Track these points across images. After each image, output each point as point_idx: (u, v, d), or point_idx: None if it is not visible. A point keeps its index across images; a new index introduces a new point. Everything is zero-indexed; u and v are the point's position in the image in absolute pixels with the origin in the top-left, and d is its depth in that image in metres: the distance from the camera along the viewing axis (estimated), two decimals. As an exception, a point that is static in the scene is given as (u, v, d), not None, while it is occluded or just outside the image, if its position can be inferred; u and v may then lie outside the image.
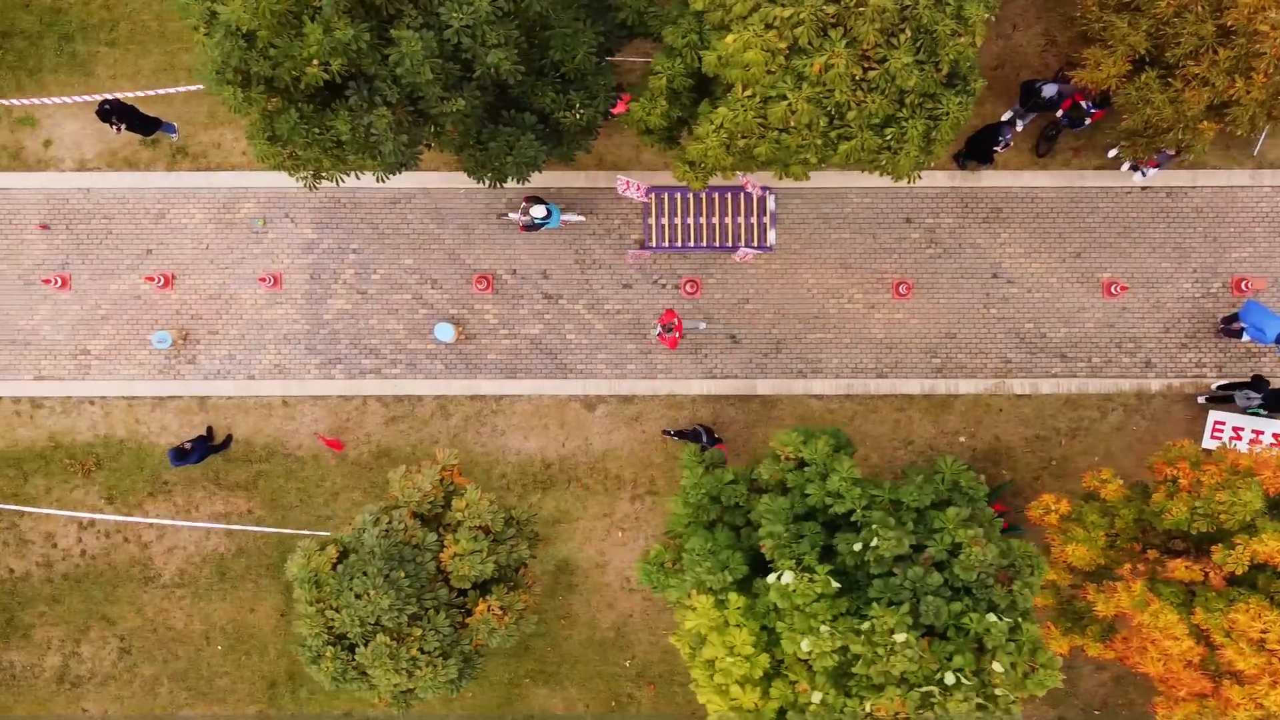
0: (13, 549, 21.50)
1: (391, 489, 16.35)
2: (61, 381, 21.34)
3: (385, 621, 14.12)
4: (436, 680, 14.49)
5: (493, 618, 14.99)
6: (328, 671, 14.43)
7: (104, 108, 19.87)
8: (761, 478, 15.18)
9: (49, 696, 21.70)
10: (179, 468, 20.45)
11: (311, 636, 14.33)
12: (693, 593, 13.87)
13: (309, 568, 14.62)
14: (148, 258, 21.29)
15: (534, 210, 19.99)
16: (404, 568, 14.31)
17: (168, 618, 21.58)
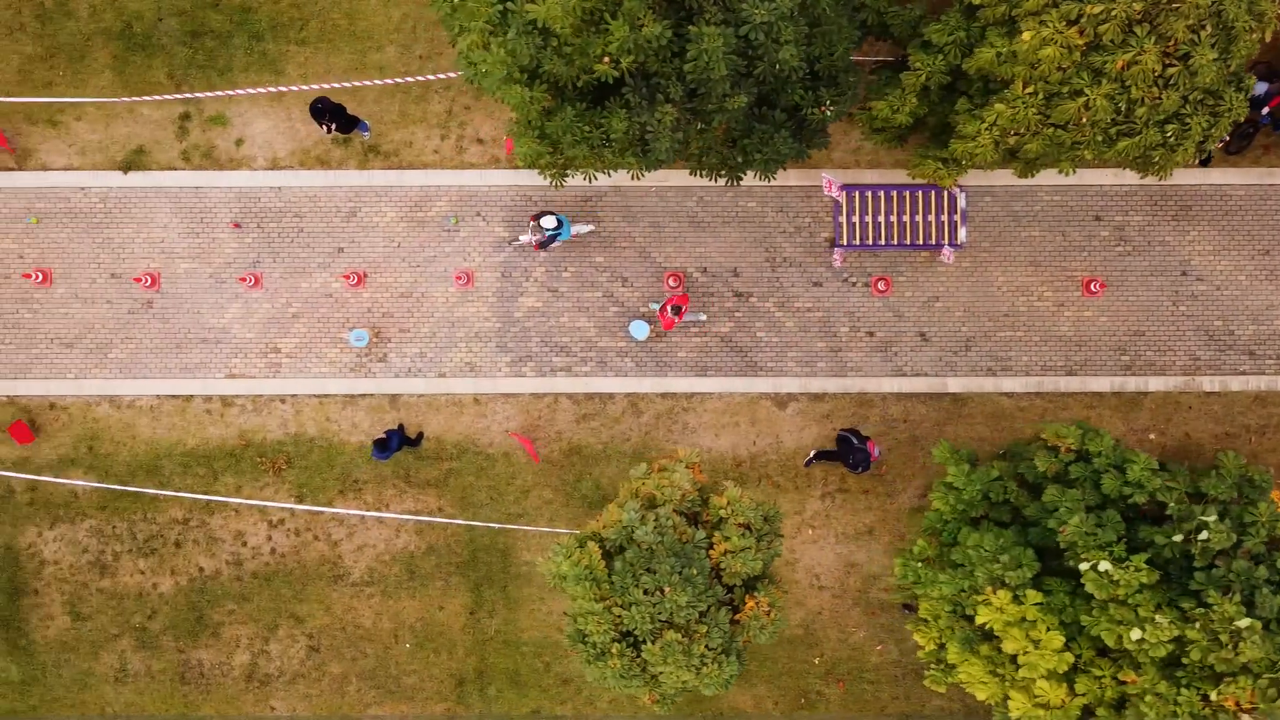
0: (203, 547, 21.51)
1: (641, 487, 16.35)
2: (252, 380, 21.37)
3: (676, 618, 14.13)
4: (720, 677, 14.50)
5: (762, 614, 15.01)
6: (614, 669, 14.43)
7: (317, 106, 19.89)
8: (1038, 471, 15.18)
9: (237, 695, 21.72)
10: (382, 460, 20.45)
11: (599, 633, 14.32)
12: (988, 589, 13.89)
13: (582, 565, 14.62)
14: (339, 256, 21.32)
15: (544, 221, 19.82)
16: (693, 565, 14.33)
17: (356, 616, 21.59)
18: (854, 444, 20.06)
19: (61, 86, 21.30)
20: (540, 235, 20.07)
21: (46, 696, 21.72)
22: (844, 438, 20.35)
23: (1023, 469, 15.66)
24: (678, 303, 20.18)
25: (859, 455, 19.96)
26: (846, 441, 20.25)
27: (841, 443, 20.39)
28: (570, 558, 15.06)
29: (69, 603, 21.56)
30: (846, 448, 20.19)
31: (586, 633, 14.70)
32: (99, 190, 21.28)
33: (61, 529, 21.50)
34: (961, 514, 15.32)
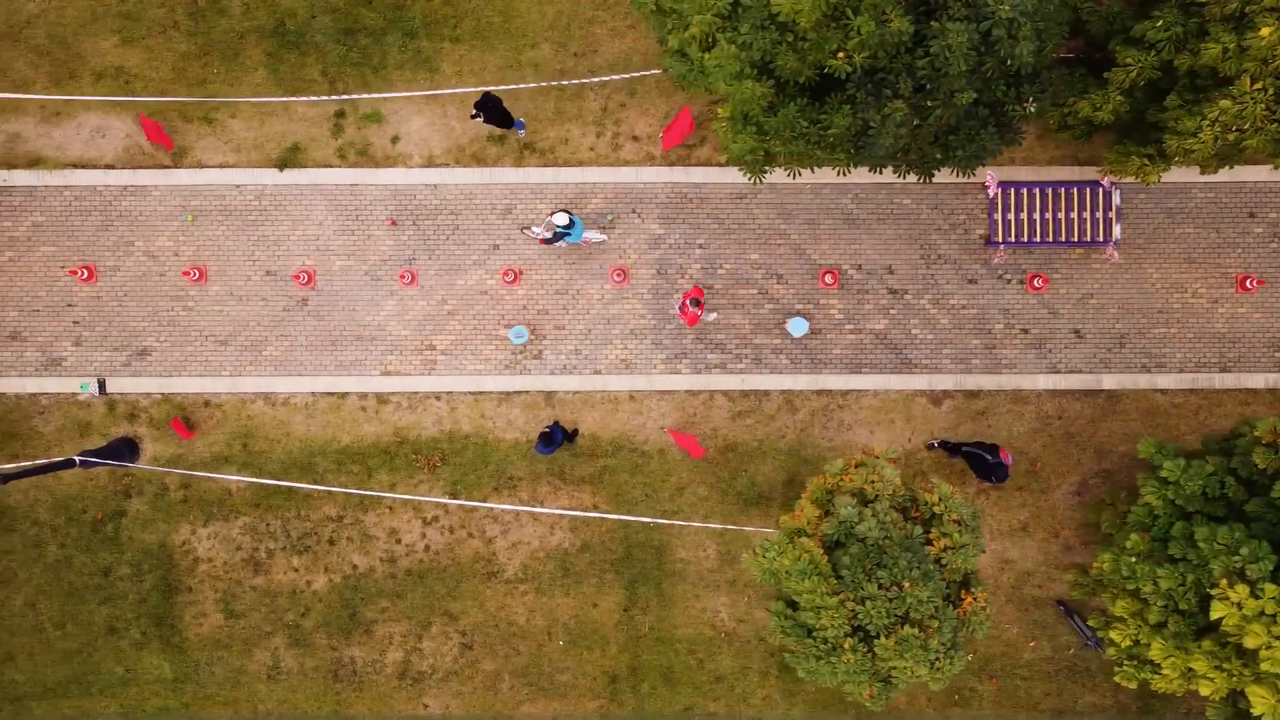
0: (356, 545, 21.52)
1: (840, 483, 16.35)
2: (407, 377, 21.37)
3: (914, 613, 14.14)
4: (951, 670, 14.52)
5: (980, 609, 15.02)
6: (847, 664, 14.43)
7: (479, 102, 19.91)
8: (1256, 466, 15.19)
9: (390, 692, 21.72)
10: (546, 454, 20.44)
11: (833, 628, 14.31)
12: (1222, 582, 13.91)
13: (805, 560, 14.62)
14: (494, 253, 21.32)
15: (556, 219, 19.73)
16: (926, 561, 14.34)
17: (510, 613, 21.60)
18: (988, 460, 19.78)
19: (216, 84, 21.30)
20: (549, 232, 20.00)
21: (199, 694, 21.73)
22: (972, 454, 20.11)
23: (1235, 464, 15.66)
24: (695, 295, 20.08)
25: (998, 471, 19.75)
26: (977, 458, 20.01)
27: (971, 459, 20.17)
28: (785, 554, 15.05)
29: (222, 600, 21.56)
30: (980, 463, 19.97)
31: (813, 628, 14.69)
32: (254, 188, 21.29)
33: (215, 526, 21.51)
34: (1176, 509, 15.33)
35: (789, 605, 16.21)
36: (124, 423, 21.41)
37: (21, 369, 21.38)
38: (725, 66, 14.21)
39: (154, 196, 21.31)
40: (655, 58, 21.10)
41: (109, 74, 21.32)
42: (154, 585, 21.54)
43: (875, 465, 16.30)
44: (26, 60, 21.33)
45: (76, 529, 21.51)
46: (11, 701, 21.78)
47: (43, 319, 21.38)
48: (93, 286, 21.34)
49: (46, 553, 21.56)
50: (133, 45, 21.34)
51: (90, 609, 21.61)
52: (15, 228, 21.34)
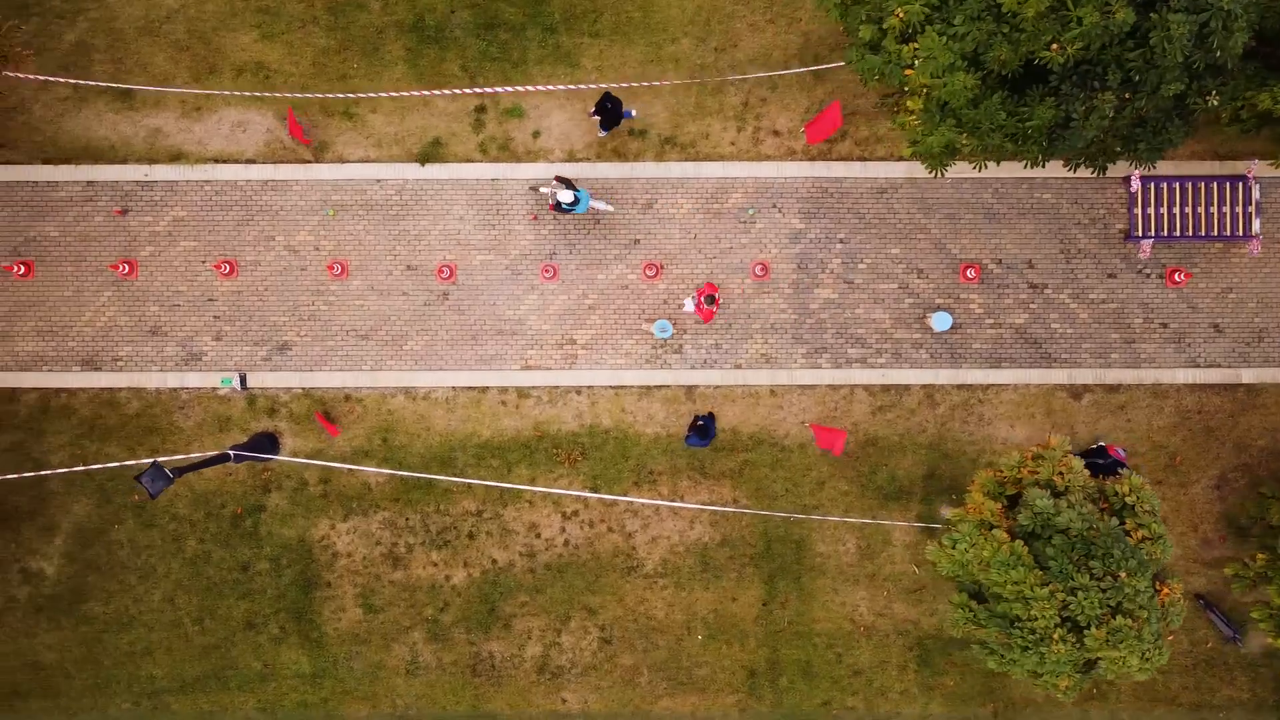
0: (496, 539, 21.52)
1: (1016, 474, 16.36)
2: (548, 371, 21.39)
3: (1127, 604, 14.16)
4: (1160, 660, 14.54)
5: (1177, 599, 15.05)
6: (1056, 655, 14.44)
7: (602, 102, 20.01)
8: None
9: (528, 687, 21.72)
10: (701, 446, 20.42)
11: (1045, 618, 14.32)
12: None
13: (1006, 552, 14.64)
14: (635, 247, 21.34)
15: (562, 195, 19.82)
16: (1138, 551, 14.37)
17: (649, 607, 21.60)
18: (1101, 464, 19.72)
19: (356, 80, 21.32)
20: (554, 198, 20.04)
21: (337, 689, 21.72)
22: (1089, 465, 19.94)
23: None
24: (709, 292, 20.08)
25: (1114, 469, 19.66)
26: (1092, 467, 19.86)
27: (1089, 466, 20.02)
28: (983, 546, 15.06)
29: (361, 595, 21.56)
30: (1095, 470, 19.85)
31: (1017, 619, 14.70)
32: (395, 182, 21.30)
33: (354, 521, 21.51)
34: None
35: (972, 597, 16.21)
36: (264, 417, 21.41)
37: (162, 364, 21.38)
38: (937, 58, 14.22)
39: (295, 191, 21.32)
40: (796, 52, 21.17)
41: (249, 69, 21.33)
42: (293, 580, 21.54)
43: (1054, 457, 16.32)
44: (166, 55, 21.34)
45: (215, 524, 21.51)
46: (149, 697, 21.77)
47: (183, 314, 21.38)
48: (233, 281, 21.34)
49: (185, 548, 21.55)
50: (272, 40, 21.35)
51: (229, 604, 21.61)
52: (156, 222, 21.35)
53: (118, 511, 21.49)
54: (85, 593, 21.60)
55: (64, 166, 21.31)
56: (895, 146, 21.28)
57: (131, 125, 21.31)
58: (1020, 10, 13.53)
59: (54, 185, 21.30)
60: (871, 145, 21.28)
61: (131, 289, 21.38)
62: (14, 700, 21.76)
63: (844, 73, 21.11)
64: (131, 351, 21.39)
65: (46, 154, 21.29)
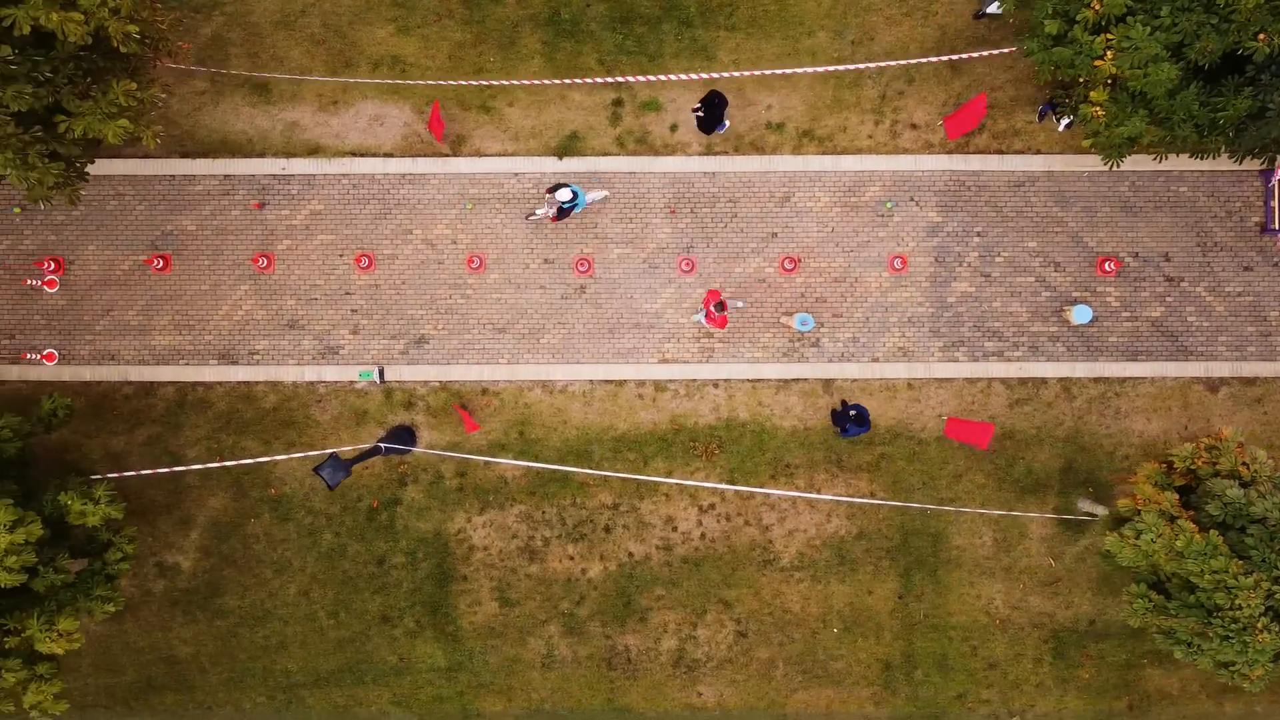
0: (632, 533, 21.52)
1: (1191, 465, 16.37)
2: (685, 364, 21.39)
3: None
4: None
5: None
6: (1260, 644, 14.45)
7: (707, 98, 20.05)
8: None
9: (664, 680, 21.72)
10: (856, 436, 20.41)
11: (1250, 608, 14.35)
12: None
13: (1200, 542, 14.65)
14: (772, 241, 21.35)
15: (559, 194, 19.79)
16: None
17: (785, 600, 21.61)
18: None
19: (492, 73, 21.32)
20: (553, 208, 20.02)
21: (473, 683, 21.72)
22: None
23: None
24: (715, 299, 20.07)
25: None
26: None
27: None
28: (1177, 537, 15.06)
29: (497, 588, 21.56)
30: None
31: (1218, 608, 14.71)
32: (533, 176, 21.31)
33: (491, 514, 21.51)
34: None
35: (1151, 587, 16.22)
36: (401, 411, 21.41)
37: (299, 357, 21.38)
38: (1141, 49, 14.23)
39: (432, 185, 21.32)
40: (933, 46, 21.18)
41: (385, 63, 21.33)
42: (428, 574, 21.54)
43: (1229, 448, 16.33)
44: (303, 49, 21.33)
45: (351, 517, 21.51)
46: (284, 691, 21.76)
47: (320, 307, 21.38)
48: (371, 275, 21.34)
49: (321, 541, 21.55)
50: (408, 34, 21.35)
51: (364, 598, 21.60)
52: (293, 216, 21.35)
53: (254, 505, 21.49)
54: (221, 587, 21.59)
55: (201, 160, 21.31)
56: (1032, 140, 21.30)
57: (268, 119, 21.31)
58: (1235, 3, 13.54)
59: (191, 179, 21.30)
60: (1009, 138, 21.29)
61: (269, 282, 21.38)
62: (149, 694, 21.76)
63: (980, 65, 21.15)
64: (268, 345, 21.39)
65: (184, 147, 21.28)
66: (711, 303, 19.91)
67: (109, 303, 21.40)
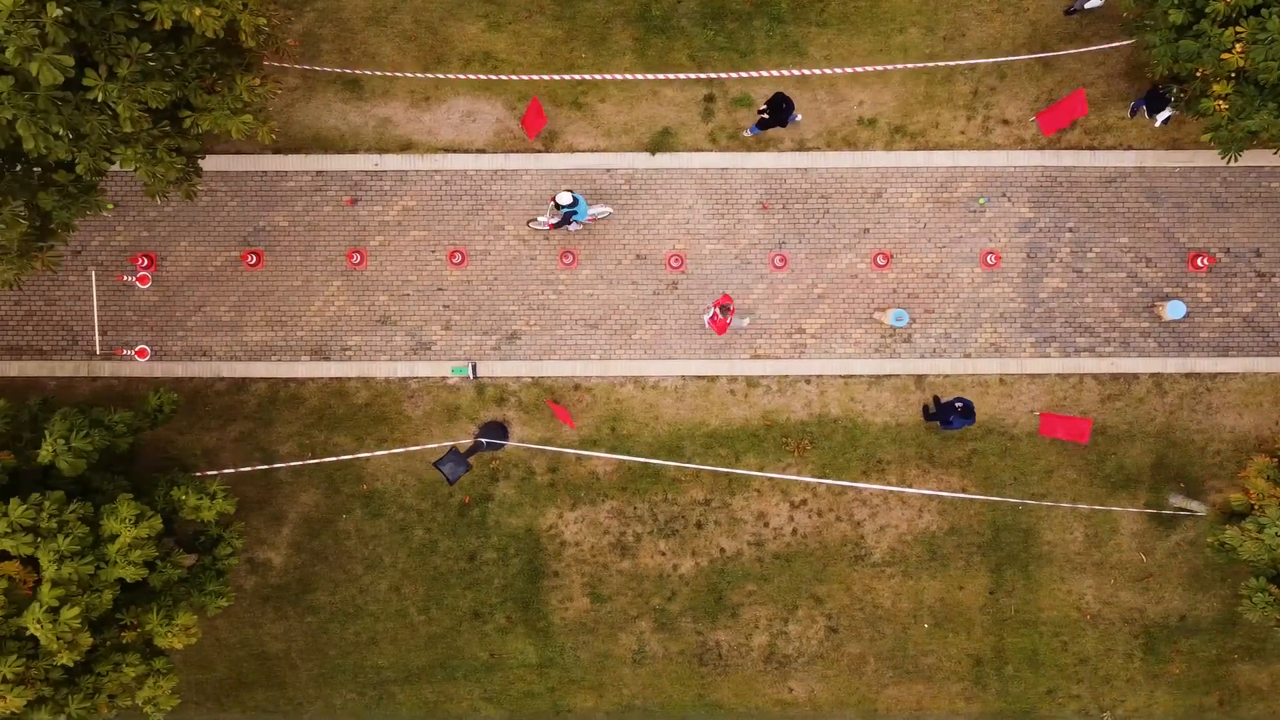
0: (724, 528, 21.54)
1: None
2: (777, 360, 21.41)
3: None
4: None
5: None
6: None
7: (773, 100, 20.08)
8: None
9: (755, 676, 21.73)
10: (955, 429, 20.41)
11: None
12: None
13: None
14: (864, 236, 21.37)
15: (560, 198, 19.70)
16: None
17: (876, 596, 21.62)
18: None
19: (584, 69, 21.32)
20: (556, 215, 20.00)
21: (564, 679, 21.73)
22: None
23: None
24: (724, 303, 20.09)
25: None
26: None
27: None
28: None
29: (589, 584, 21.57)
30: None
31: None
32: (624, 171, 21.33)
33: (582, 510, 21.52)
34: None
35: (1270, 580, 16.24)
36: (493, 406, 21.42)
37: (391, 353, 21.39)
38: (1278, 42, 14.25)
39: (525, 180, 21.34)
40: (1024, 42, 21.21)
41: (476, 59, 21.35)
42: (520, 570, 21.54)
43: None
44: (394, 45, 21.35)
45: (443, 513, 21.51)
46: (374, 687, 21.76)
47: (413, 303, 21.39)
48: (463, 270, 21.35)
49: (412, 537, 21.55)
50: (499, 30, 21.36)
51: (455, 594, 21.61)
52: (386, 212, 21.36)
53: (346, 501, 21.50)
54: (312, 583, 21.60)
55: (294, 156, 21.32)
56: (1124, 135, 21.33)
57: (361, 115, 21.32)
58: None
59: (283, 175, 21.32)
60: (1101, 134, 21.32)
61: (361, 278, 21.39)
62: (240, 691, 21.76)
63: (1071, 61, 21.18)
64: (360, 341, 21.40)
65: (276, 144, 21.27)
66: (718, 305, 19.95)
67: (201, 299, 21.41)
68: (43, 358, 21.41)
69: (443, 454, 17.18)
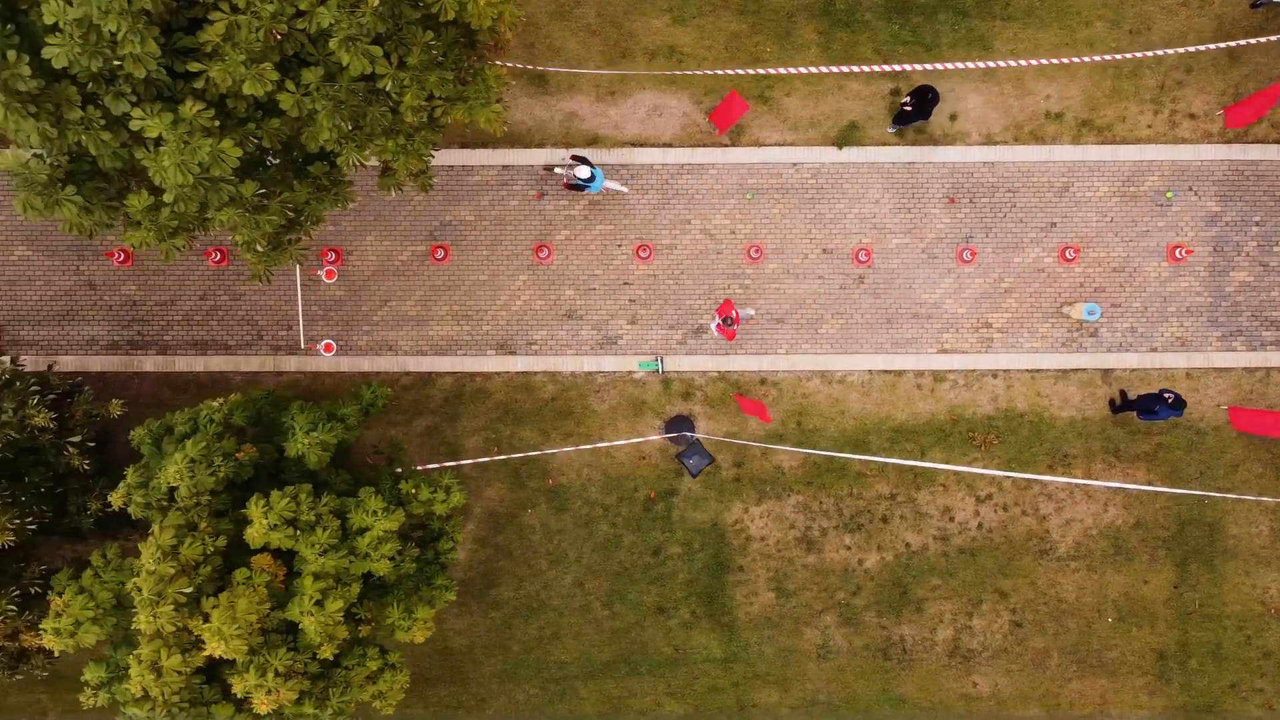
0: (909, 523, 21.51)
1: None
2: (964, 355, 21.38)
3: None
4: None
5: None
6: None
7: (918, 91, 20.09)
8: None
9: (938, 670, 21.71)
10: (1159, 420, 20.30)
11: None
12: None
13: None
14: (1051, 231, 21.35)
15: (579, 171, 19.76)
16: None
17: (1060, 590, 21.60)
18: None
19: (769, 63, 21.29)
20: (570, 179, 20.02)
21: (748, 673, 21.70)
22: None
23: None
24: (726, 312, 20.07)
25: None
26: None
27: None
28: None
29: (774, 579, 21.54)
30: None
31: None
32: (811, 166, 21.30)
33: (768, 505, 21.49)
34: None
35: None
36: (679, 401, 21.39)
37: (577, 347, 21.36)
38: None
39: (711, 175, 21.31)
40: (1210, 35, 21.18)
41: (661, 53, 21.31)
42: (704, 564, 21.51)
43: None
44: (578, 40, 21.31)
45: (628, 508, 21.48)
46: (557, 683, 21.73)
47: (598, 297, 21.36)
48: (649, 265, 21.32)
49: (596, 532, 21.52)
50: (684, 24, 21.33)
51: (639, 589, 21.57)
52: (571, 206, 21.32)
53: (531, 496, 21.47)
54: (496, 578, 21.56)
55: (480, 150, 21.28)
56: (1311, 129, 21.33)
57: (546, 109, 21.28)
58: None
59: (469, 169, 21.28)
60: (1288, 128, 21.33)
61: (547, 273, 21.36)
62: (424, 687, 21.70)
63: (1258, 54, 21.15)
64: (546, 335, 21.37)
65: (463, 138, 21.25)
66: (722, 315, 19.94)
67: (387, 293, 21.37)
68: (228, 352, 21.37)
69: (686, 447, 17.12)
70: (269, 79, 12.31)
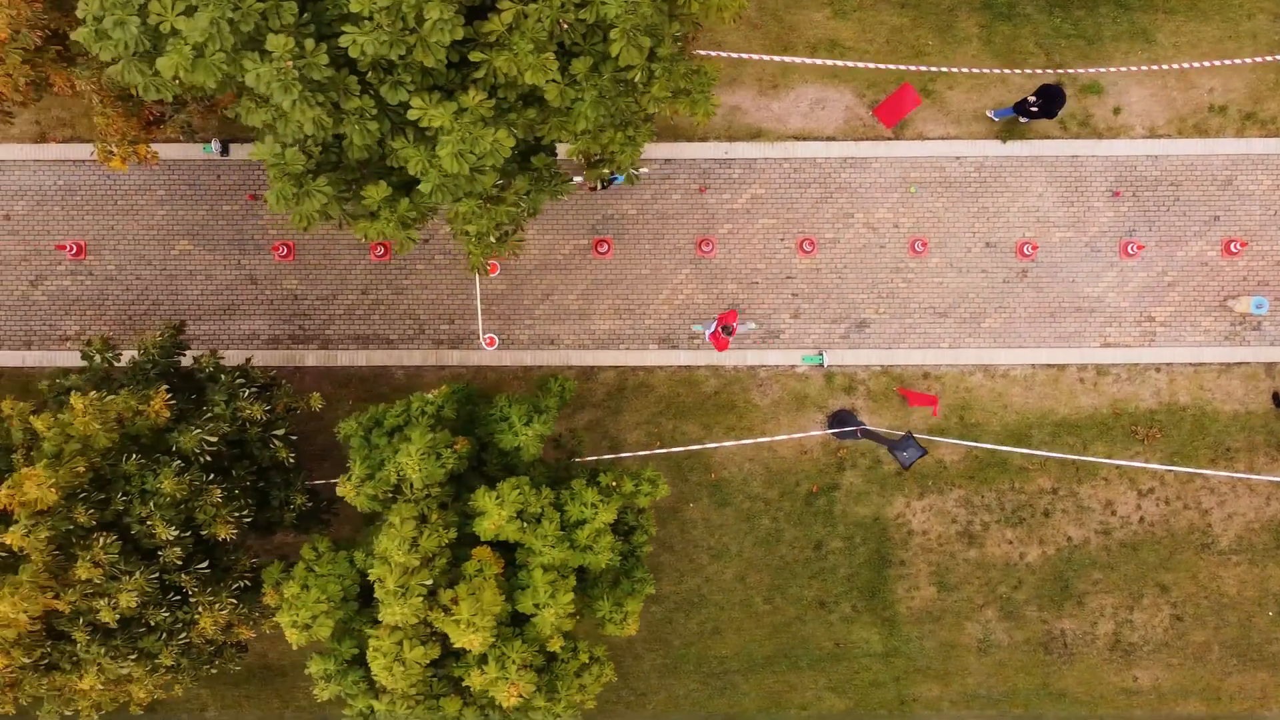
0: (1071, 517, 21.49)
1: None
2: (1127, 349, 21.36)
3: None
4: None
5: None
6: None
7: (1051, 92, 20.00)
8: None
9: (1099, 664, 21.69)
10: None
11: None
12: None
13: None
14: (1215, 224, 21.32)
15: None
16: None
17: (1221, 584, 21.59)
18: None
19: (931, 57, 21.25)
20: None
21: (909, 668, 21.68)
22: None
23: None
24: (726, 321, 20.08)
25: None
26: None
27: None
28: None
29: (935, 573, 21.51)
30: None
31: None
32: (974, 159, 21.26)
33: (930, 499, 21.46)
34: None
35: None
36: (841, 395, 21.36)
37: (739, 341, 21.29)
38: None
39: (874, 168, 21.27)
40: (1374, 29, 21.13)
41: (822, 46, 21.26)
42: (866, 559, 21.49)
43: None
44: (740, 33, 21.25)
45: (790, 502, 21.45)
46: (717, 677, 21.70)
47: (761, 291, 21.32)
48: (811, 259, 21.28)
49: (758, 526, 21.49)
50: (845, 18, 21.28)
51: (800, 583, 21.55)
52: (734, 200, 21.29)
53: (693, 490, 21.44)
54: (657, 573, 21.47)
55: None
56: None
57: (709, 102, 21.20)
58: None
59: (632, 163, 21.19)
60: None
61: (709, 266, 21.32)
62: (584, 680, 21.64)
63: None
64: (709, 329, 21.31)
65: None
66: (722, 324, 19.90)
67: (549, 287, 21.33)
68: (390, 347, 21.33)
69: (898, 439, 17.13)
70: (551, 69, 12.28)
